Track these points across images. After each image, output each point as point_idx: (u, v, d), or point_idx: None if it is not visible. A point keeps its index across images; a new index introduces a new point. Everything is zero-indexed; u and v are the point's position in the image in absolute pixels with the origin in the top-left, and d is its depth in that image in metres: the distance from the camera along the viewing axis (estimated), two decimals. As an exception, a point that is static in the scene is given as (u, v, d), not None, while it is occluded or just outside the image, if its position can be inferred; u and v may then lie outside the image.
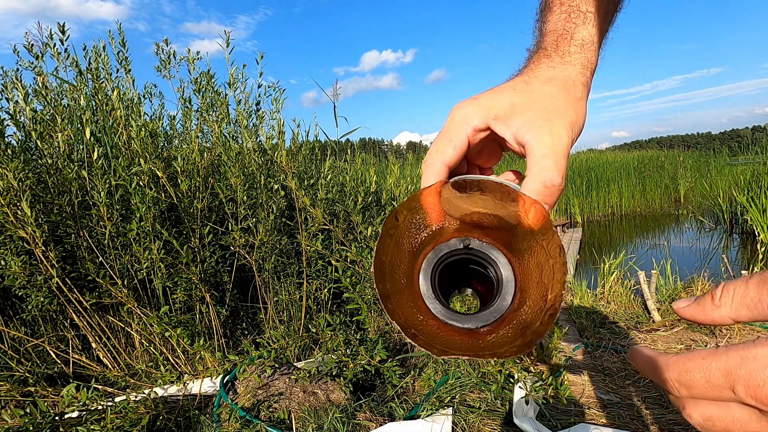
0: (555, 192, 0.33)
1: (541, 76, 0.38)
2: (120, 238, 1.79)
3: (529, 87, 0.37)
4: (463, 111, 0.37)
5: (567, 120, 0.36)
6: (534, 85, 0.37)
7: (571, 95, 0.37)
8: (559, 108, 0.36)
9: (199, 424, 1.54)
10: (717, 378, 0.21)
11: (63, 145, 1.75)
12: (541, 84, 0.37)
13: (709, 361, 0.22)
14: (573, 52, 0.39)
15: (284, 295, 2.14)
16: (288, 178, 1.87)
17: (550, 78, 0.38)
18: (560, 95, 0.37)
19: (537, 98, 0.36)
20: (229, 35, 2.14)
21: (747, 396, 0.20)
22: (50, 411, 1.26)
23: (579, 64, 0.39)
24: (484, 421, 1.52)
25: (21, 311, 1.84)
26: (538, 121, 0.35)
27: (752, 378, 0.20)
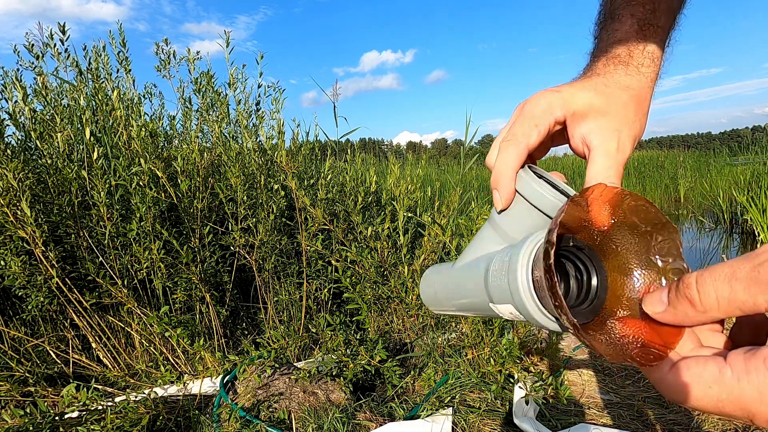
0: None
1: (619, 82, 0.38)
2: (120, 238, 1.79)
3: (607, 90, 0.38)
4: (548, 100, 0.37)
5: (633, 133, 0.37)
6: (612, 89, 0.38)
7: (641, 108, 0.38)
8: (630, 120, 0.37)
9: (199, 424, 1.54)
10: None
11: (63, 145, 1.75)
12: (619, 91, 0.38)
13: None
14: (646, 64, 0.39)
15: (284, 295, 2.14)
16: (288, 178, 1.87)
17: (627, 86, 0.38)
18: (633, 107, 0.38)
19: (613, 105, 0.37)
20: (229, 35, 2.14)
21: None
22: (50, 411, 1.26)
23: (650, 78, 0.39)
24: (484, 421, 1.52)
25: (21, 311, 1.84)
26: (610, 129, 0.36)
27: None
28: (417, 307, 1.92)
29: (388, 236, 2.01)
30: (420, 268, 1.95)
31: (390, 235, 2.04)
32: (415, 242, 2.29)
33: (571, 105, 0.37)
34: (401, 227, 2.02)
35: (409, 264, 1.91)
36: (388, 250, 1.99)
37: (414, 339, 1.95)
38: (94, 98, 1.97)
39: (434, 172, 6.02)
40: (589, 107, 0.37)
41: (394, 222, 2.04)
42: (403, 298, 1.90)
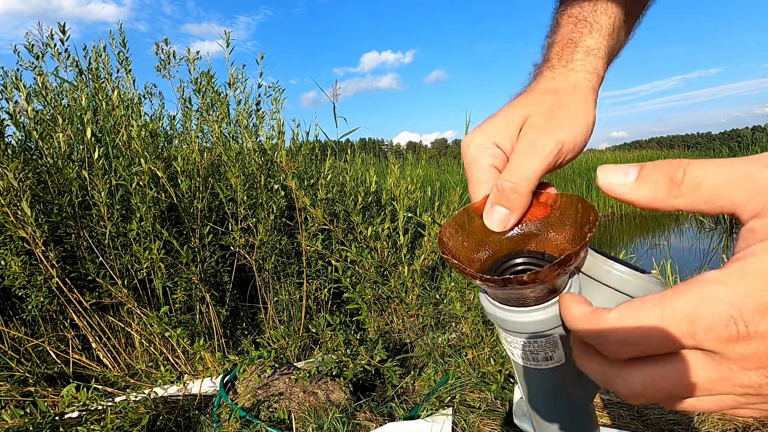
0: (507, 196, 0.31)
1: (541, 88, 0.37)
2: (120, 238, 1.79)
3: (524, 101, 0.36)
4: (474, 145, 0.35)
5: (558, 123, 0.33)
6: (531, 98, 0.36)
7: (571, 99, 0.35)
8: (554, 113, 0.34)
9: (199, 424, 1.54)
10: (677, 325, 0.19)
11: (63, 145, 1.75)
12: (540, 96, 0.36)
13: (662, 309, 0.20)
14: (577, 59, 0.37)
15: (284, 295, 2.14)
16: (288, 178, 1.87)
17: (549, 89, 0.36)
18: (557, 101, 0.35)
19: (532, 111, 0.35)
20: (229, 35, 2.14)
21: (708, 339, 0.19)
22: (50, 411, 1.26)
23: (583, 70, 0.37)
24: (484, 421, 1.52)
25: (21, 311, 1.84)
26: (527, 130, 0.34)
27: (716, 320, 0.18)
28: (417, 307, 1.92)
29: (388, 236, 2.01)
30: (420, 268, 1.95)
31: (390, 235, 2.04)
32: (415, 242, 2.29)
33: (493, 136, 0.35)
34: (401, 227, 2.02)
35: (409, 264, 1.91)
36: (388, 250, 1.99)
37: (414, 339, 1.95)
38: (94, 98, 1.97)
39: (434, 172, 6.02)
40: (507, 126, 0.34)
41: (394, 222, 2.05)
42: (403, 298, 1.90)
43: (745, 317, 0.18)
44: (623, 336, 0.21)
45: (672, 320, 0.19)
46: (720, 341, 0.18)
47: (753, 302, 0.18)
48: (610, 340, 0.21)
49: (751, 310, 0.18)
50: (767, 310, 0.18)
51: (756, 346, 0.18)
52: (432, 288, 2.12)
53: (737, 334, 0.18)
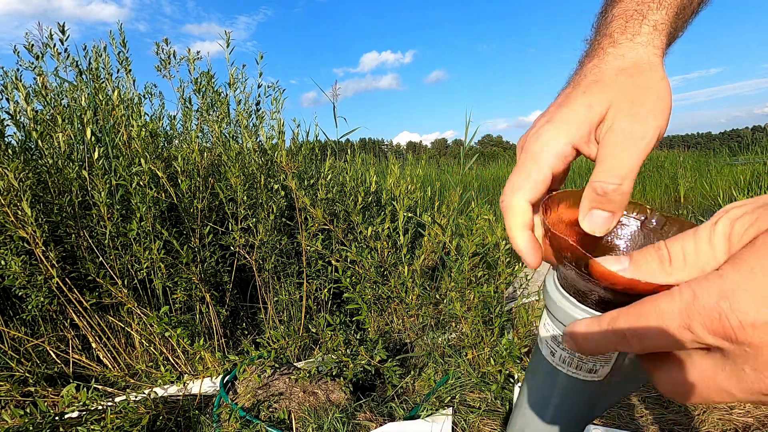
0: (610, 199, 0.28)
1: (610, 69, 0.32)
2: (120, 238, 1.79)
3: (599, 87, 0.32)
4: (544, 142, 0.31)
5: (649, 108, 0.30)
6: (604, 82, 0.32)
7: (651, 78, 0.31)
8: (638, 97, 0.30)
9: (199, 424, 1.54)
10: (671, 318, 0.20)
11: (63, 145, 1.75)
12: (613, 78, 0.32)
13: (660, 302, 0.20)
14: (645, 33, 0.33)
15: (284, 295, 2.14)
16: (288, 178, 1.87)
17: (621, 68, 0.32)
18: (637, 82, 0.31)
19: (612, 97, 0.31)
20: (229, 35, 2.14)
21: (705, 333, 0.19)
22: (50, 411, 1.26)
23: (652, 45, 0.33)
24: (484, 421, 1.52)
25: (21, 311, 1.84)
26: (617, 119, 0.30)
27: (708, 312, 0.19)
28: (417, 307, 1.92)
29: (388, 236, 2.01)
30: (420, 268, 1.95)
31: (390, 235, 2.04)
32: (415, 242, 2.29)
33: (570, 132, 0.31)
34: (401, 227, 2.02)
35: (409, 264, 1.91)
36: (388, 250, 1.99)
37: (414, 339, 1.95)
38: (94, 98, 1.97)
39: (434, 172, 6.01)
40: (589, 116, 0.31)
41: (394, 222, 2.05)
42: (403, 298, 1.90)
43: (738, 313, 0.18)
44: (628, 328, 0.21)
45: (665, 315, 0.20)
46: (718, 334, 0.19)
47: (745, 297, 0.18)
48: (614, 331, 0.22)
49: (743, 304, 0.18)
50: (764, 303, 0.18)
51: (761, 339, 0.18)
52: (432, 288, 2.12)
53: (732, 329, 0.18)
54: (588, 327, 0.24)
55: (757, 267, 0.18)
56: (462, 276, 1.84)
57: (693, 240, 0.21)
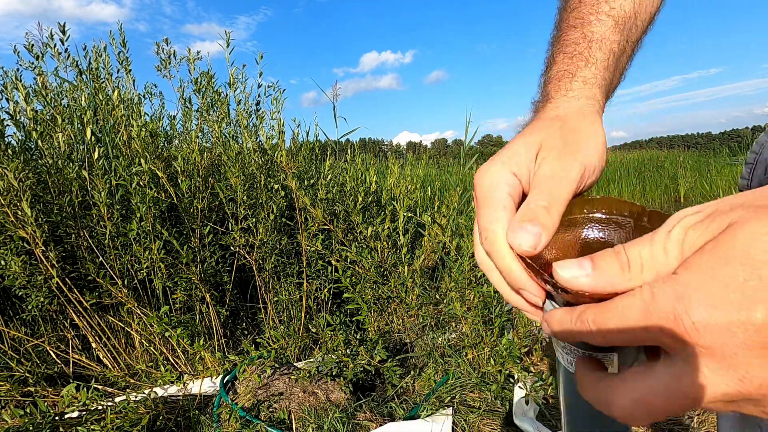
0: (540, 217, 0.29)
1: (547, 116, 0.36)
2: (120, 238, 1.79)
3: (535, 130, 0.35)
4: (490, 174, 0.33)
5: (574, 147, 0.33)
6: (539, 126, 0.35)
7: (580, 123, 0.35)
8: (567, 137, 0.33)
9: (199, 424, 1.54)
10: (631, 317, 0.21)
11: (63, 145, 1.75)
12: (548, 123, 0.35)
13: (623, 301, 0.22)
14: (576, 88, 0.38)
15: (284, 295, 2.14)
16: (288, 178, 1.87)
17: (555, 116, 0.36)
18: (567, 126, 0.35)
19: (545, 137, 0.34)
20: (229, 35, 2.14)
21: (662, 334, 0.20)
22: (50, 411, 1.26)
23: (584, 97, 0.37)
24: (484, 421, 1.52)
25: (21, 311, 1.84)
26: (546, 155, 0.33)
27: (665, 313, 0.20)
28: (417, 307, 1.92)
29: (388, 236, 2.01)
30: (420, 268, 1.95)
31: (390, 235, 2.04)
32: (415, 242, 2.29)
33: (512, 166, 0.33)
34: (401, 227, 2.02)
35: (409, 264, 1.91)
36: (388, 250, 1.99)
37: (414, 339, 1.95)
38: (94, 98, 1.97)
39: (434, 172, 6.01)
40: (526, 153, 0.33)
41: (394, 222, 2.05)
42: (403, 298, 1.90)
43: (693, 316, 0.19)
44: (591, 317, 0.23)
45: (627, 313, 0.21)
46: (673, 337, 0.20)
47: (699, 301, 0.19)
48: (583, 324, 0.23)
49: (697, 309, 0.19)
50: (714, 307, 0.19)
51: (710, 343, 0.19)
52: (432, 288, 2.12)
53: (685, 330, 0.19)
54: (561, 316, 0.25)
55: (708, 270, 0.19)
56: (462, 276, 1.84)
57: (649, 246, 0.22)
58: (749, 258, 0.18)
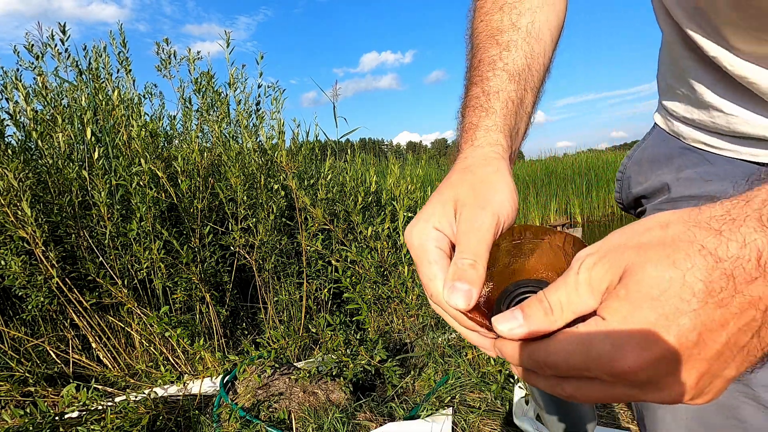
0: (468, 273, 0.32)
1: (458, 169, 0.40)
2: (120, 238, 1.79)
3: (448, 186, 0.39)
4: (416, 232, 0.36)
5: (484, 197, 0.36)
6: (452, 181, 0.39)
7: (485, 171, 0.38)
8: (477, 189, 0.37)
9: (199, 424, 1.54)
10: (576, 361, 0.24)
11: (63, 145, 1.75)
12: (459, 176, 0.39)
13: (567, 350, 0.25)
14: (479, 136, 0.42)
15: (284, 295, 2.14)
16: (288, 178, 1.87)
17: (464, 168, 0.39)
18: (475, 177, 0.38)
19: (458, 192, 0.37)
20: (229, 35, 2.14)
21: (603, 373, 0.23)
22: (50, 411, 1.26)
23: (487, 144, 0.41)
24: (484, 421, 1.52)
25: (21, 311, 1.84)
26: (461, 210, 0.36)
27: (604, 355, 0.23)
28: (417, 307, 1.92)
29: (388, 236, 2.01)
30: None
31: (390, 235, 2.04)
32: (415, 242, 2.29)
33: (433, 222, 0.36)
34: (401, 227, 2.02)
35: (409, 264, 1.91)
36: (388, 250, 1.99)
37: (414, 339, 1.95)
38: (94, 98, 1.97)
39: (434, 172, 6.02)
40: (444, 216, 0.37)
41: (394, 222, 2.05)
42: (403, 298, 1.90)
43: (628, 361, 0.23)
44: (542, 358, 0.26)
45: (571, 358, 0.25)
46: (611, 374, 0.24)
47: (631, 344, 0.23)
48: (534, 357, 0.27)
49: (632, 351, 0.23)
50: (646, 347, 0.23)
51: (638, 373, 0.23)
52: (432, 288, 2.11)
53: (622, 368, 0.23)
54: (513, 350, 0.28)
55: (628, 317, 0.23)
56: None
57: (564, 290, 0.26)
58: (652, 300, 0.23)
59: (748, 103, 0.43)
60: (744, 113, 0.44)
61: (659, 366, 0.23)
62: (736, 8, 0.39)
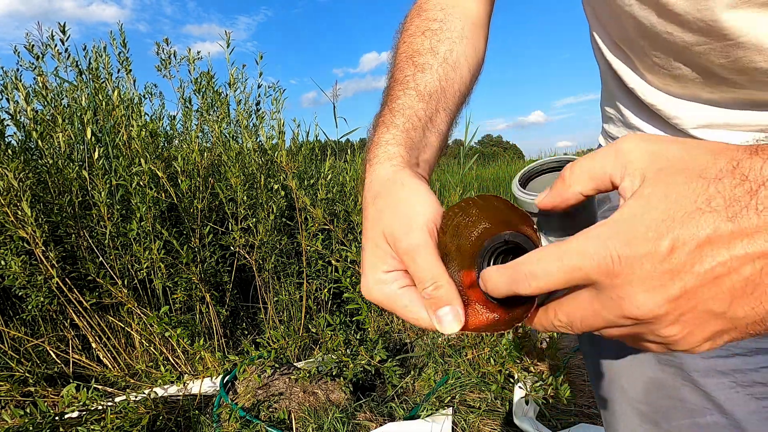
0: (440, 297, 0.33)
1: (368, 201, 0.41)
2: (120, 238, 1.79)
3: (371, 224, 0.39)
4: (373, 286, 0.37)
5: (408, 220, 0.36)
6: (371, 218, 0.39)
7: (392, 193, 0.38)
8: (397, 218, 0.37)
9: (199, 424, 1.54)
10: (569, 259, 0.24)
11: (63, 145, 1.75)
12: (374, 210, 0.39)
13: (560, 249, 0.25)
14: (380, 153, 0.42)
15: (284, 295, 2.14)
16: (288, 178, 1.87)
17: (374, 196, 0.40)
18: (389, 205, 0.38)
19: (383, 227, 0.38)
20: (229, 35, 2.14)
21: (592, 270, 0.23)
22: (50, 411, 1.26)
23: (387, 161, 0.41)
24: (484, 421, 1.52)
25: (21, 311, 1.84)
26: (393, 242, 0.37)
27: (597, 253, 0.23)
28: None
29: (388, 236, 2.01)
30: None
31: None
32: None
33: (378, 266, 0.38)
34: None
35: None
36: (388, 250, 1.98)
37: (414, 339, 1.95)
38: (94, 98, 1.97)
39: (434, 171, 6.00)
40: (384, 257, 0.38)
41: (394, 222, 2.04)
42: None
43: (619, 251, 0.23)
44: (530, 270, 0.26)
45: (565, 255, 0.25)
46: (601, 270, 0.23)
47: (624, 239, 0.23)
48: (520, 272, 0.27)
49: (619, 246, 0.23)
50: (632, 242, 0.22)
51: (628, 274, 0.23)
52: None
53: (612, 264, 0.23)
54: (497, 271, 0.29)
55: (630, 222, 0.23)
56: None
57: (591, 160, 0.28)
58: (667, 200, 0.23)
59: (659, 124, 0.48)
60: (658, 133, 0.48)
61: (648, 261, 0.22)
62: (643, 37, 0.42)
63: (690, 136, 0.46)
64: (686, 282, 0.22)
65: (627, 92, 0.50)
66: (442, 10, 0.52)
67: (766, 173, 0.21)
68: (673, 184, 0.23)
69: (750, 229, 0.20)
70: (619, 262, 0.23)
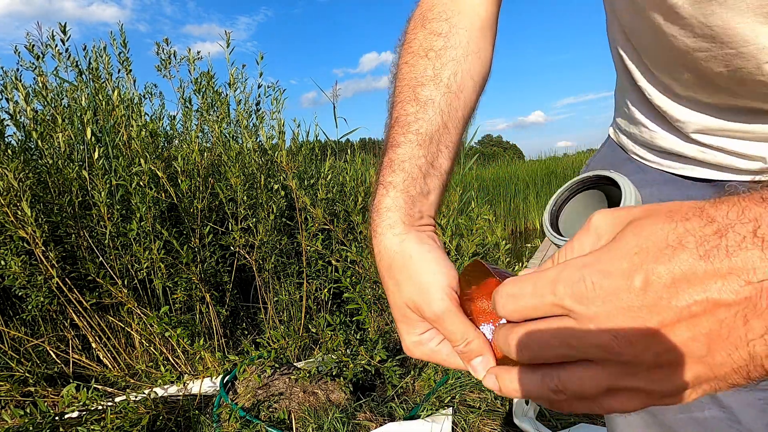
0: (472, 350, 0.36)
1: (383, 271, 0.43)
2: (120, 238, 1.79)
3: (394, 298, 0.42)
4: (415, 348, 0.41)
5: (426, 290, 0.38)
6: (392, 290, 0.42)
7: (403, 265, 0.41)
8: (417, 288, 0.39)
9: (199, 424, 1.54)
10: (542, 284, 0.25)
11: (63, 145, 1.75)
12: (392, 284, 0.42)
13: (537, 274, 0.26)
14: (382, 224, 0.43)
15: (284, 295, 2.14)
16: (288, 178, 1.87)
17: (387, 268, 0.42)
18: (403, 277, 0.40)
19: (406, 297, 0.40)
20: (229, 36, 2.14)
21: (565, 294, 0.24)
22: (50, 411, 1.26)
23: (390, 231, 0.43)
24: (484, 421, 1.52)
25: (21, 311, 1.84)
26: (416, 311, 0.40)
27: (570, 278, 0.24)
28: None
29: (388, 236, 2.01)
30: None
31: (390, 235, 2.04)
32: (415, 242, 2.29)
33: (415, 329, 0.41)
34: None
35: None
36: (388, 250, 1.98)
37: (414, 339, 1.95)
38: (94, 98, 1.97)
39: (434, 172, 5.99)
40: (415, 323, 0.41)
41: (394, 222, 2.04)
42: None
43: (592, 278, 0.23)
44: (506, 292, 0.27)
45: (538, 281, 0.26)
46: (574, 296, 0.24)
47: (598, 268, 0.23)
48: (500, 294, 0.28)
49: (595, 274, 0.23)
50: (608, 274, 0.23)
51: (602, 304, 0.23)
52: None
53: (585, 290, 0.23)
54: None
55: (604, 254, 0.24)
56: (462, 276, 1.84)
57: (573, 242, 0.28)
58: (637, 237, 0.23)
59: (663, 123, 0.49)
60: (661, 131, 0.50)
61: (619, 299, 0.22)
62: (652, 37, 0.43)
63: (690, 140, 0.47)
64: (664, 317, 0.21)
65: (635, 88, 0.51)
66: (447, 21, 0.50)
67: (732, 216, 0.21)
68: (641, 226, 0.23)
69: (723, 270, 0.20)
70: (593, 288, 0.23)
